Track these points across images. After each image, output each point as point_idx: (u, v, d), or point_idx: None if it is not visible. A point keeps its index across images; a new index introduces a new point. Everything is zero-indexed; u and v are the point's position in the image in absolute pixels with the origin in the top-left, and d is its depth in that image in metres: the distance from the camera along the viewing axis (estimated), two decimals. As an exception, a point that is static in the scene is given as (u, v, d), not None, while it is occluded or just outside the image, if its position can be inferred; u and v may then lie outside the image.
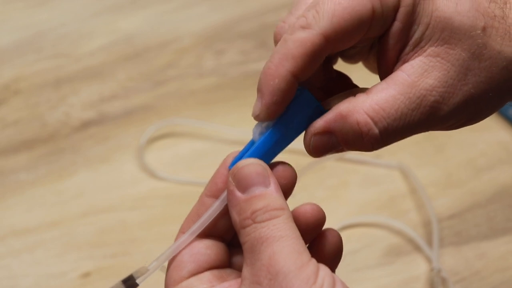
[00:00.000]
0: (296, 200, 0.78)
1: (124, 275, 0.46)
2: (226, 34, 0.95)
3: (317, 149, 0.44)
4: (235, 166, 0.44)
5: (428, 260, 0.71)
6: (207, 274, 0.44)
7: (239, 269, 0.46)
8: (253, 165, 0.43)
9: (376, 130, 0.42)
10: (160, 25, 0.97)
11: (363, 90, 0.44)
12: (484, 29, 0.43)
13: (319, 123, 0.43)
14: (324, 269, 0.40)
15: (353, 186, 0.78)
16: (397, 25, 0.43)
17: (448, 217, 0.75)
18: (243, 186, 0.43)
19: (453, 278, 0.70)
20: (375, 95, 0.42)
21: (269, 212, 0.42)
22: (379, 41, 0.44)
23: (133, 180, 0.79)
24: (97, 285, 0.70)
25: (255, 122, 0.46)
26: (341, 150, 0.44)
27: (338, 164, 0.79)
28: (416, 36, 0.43)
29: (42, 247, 0.73)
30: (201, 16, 0.98)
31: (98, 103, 0.87)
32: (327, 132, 0.43)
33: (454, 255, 0.71)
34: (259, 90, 0.43)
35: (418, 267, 0.71)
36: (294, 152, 0.80)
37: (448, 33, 0.42)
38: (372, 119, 0.42)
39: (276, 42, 0.46)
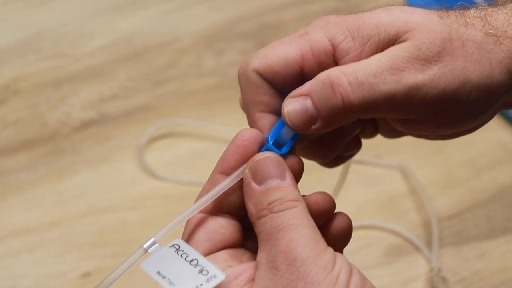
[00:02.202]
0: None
1: (124, 275, 0.46)
2: (226, 34, 0.95)
3: (291, 115, 0.45)
4: (251, 159, 0.45)
5: (428, 260, 0.71)
6: (222, 254, 0.45)
7: (252, 250, 0.46)
8: (270, 158, 0.44)
9: (346, 81, 0.43)
10: (160, 25, 0.97)
11: None
12: (440, 16, 0.44)
13: (294, 90, 0.45)
14: (341, 257, 0.41)
15: (353, 186, 0.78)
16: (344, 59, 0.45)
17: (448, 217, 0.75)
18: (260, 178, 0.44)
19: (453, 278, 0.70)
20: (349, 63, 0.45)
21: (286, 203, 0.43)
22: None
23: (133, 180, 0.79)
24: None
25: None
26: (316, 121, 0.45)
27: (338, 164, 0.79)
28: (373, 48, 0.45)
29: (42, 247, 0.73)
30: (201, 16, 0.98)
31: (98, 103, 0.87)
32: (301, 94, 0.45)
33: (454, 255, 0.71)
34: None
35: (418, 267, 0.71)
36: (294, 152, 0.79)
37: (404, 26, 0.44)
38: (343, 71, 0.43)
39: (238, 80, 0.49)
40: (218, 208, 0.46)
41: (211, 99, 0.87)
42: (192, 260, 0.43)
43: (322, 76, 0.44)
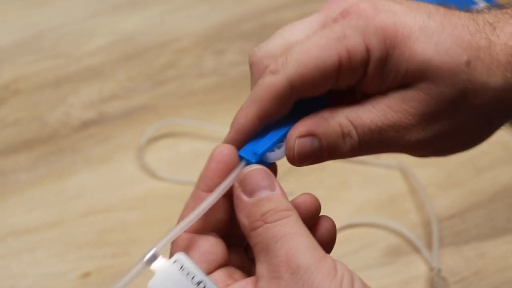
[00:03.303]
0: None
1: (125, 275, 0.45)
2: (226, 34, 0.95)
3: (300, 153, 0.45)
4: (240, 171, 0.44)
5: (428, 260, 0.71)
6: (219, 273, 0.45)
7: (238, 267, 0.46)
8: (258, 170, 0.44)
9: (355, 134, 0.44)
10: (160, 25, 0.97)
11: None
12: (468, 63, 0.43)
13: (302, 126, 0.45)
14: (340, 264, 0.41)
15: (353, 186, 0.78)
16: (370, 77, 0.44)
17: (448, 217, 0.75)
18: (250, 190, 0.43)
19: (453, 278, 0.70)
20: (354, 106, 0.45)
21: (279, 212, 0.42)
22: (359, 89, 0.46)
23: (133, 180, 0.79)
24: (97, 285, 0.70)
25: None
26: (321, 159, 0.45)
27: (338, 164, 0.79)
28: (396, 81, 0.44)
29: (42, 247, 0.73)
30: (201, 16, 0.98)
31: (98, 103, 0.87)
32: (310, 134, 0.44)
33: (454, 255, 0.71)
34: (231, 125, 0.47)
35: (418, 267, 0.71)
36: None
37: (430, 73, 0.43)
38: (352, 122, 0.44)
39: (249, 65, 0.48)
40: (205, 226, 0.46)
41: (211, 99, 0.87)
42: (199, 283, 0.42)
43: (332, 121, 0.44)
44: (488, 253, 0.71)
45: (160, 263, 0.43)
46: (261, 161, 0.46)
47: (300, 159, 0.45)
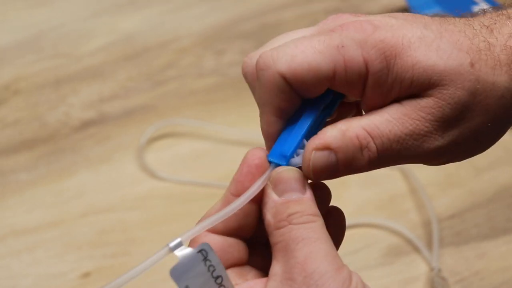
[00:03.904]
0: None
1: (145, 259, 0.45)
2: (226, 34, 0.95)
3: (316, 167, 0.44)
4: (274, 170, 0.44)
5: (428, 260, 0.71)
6: (229, 272, 0.44)
7: (257, 268, 0.46)
8: (292, 171, 0.44)
9: (374, 145, 0.43)
10: (160, 25, 0.97)
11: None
12: (472, 64, 0.43)
13: (319, 139, 0.44)
14: (356, 275, 0.41)
15: (353, 186, 0.78)
16: (371, 90, 0.44)
17: (448, 217, 0.75)
18: (281, 190, 0.44)
19: (453, 278, 0.70)
20: (371, 116, 0.44)
21: (306, 216, 0.42)
22: (362, 102, 0.45)
23: (133, 180, 0.79)
24: (97, 285, 0.70)
25: (254, 122, 0.47)
26: (337, 174, 0.45)
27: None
28: (403, 90, 0.44)
29: (42, 247, 0.73)
30: (201, 16, 0.98)
31: (98, 103, 0.87)
32: (326, 147, 0.44)
33: (454, 255, 0.71)
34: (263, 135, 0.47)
35: (418, 267, 0.71)
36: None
37: (437, 78, 0.43)
38: (369, 134, 0.43)
39: (244, 76, 0.47)
40: (226, 228, 0.45)
41: (211, 99, 0.87)
42: (217, 278, 0.42)
43: (349, 133, 0.43)
44: (488, 253, 0.71)
45: (185, 251, 0.43)
46: (289, 164, 0.45)
47: (316, 173, 0.44)
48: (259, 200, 0.45)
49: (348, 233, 0.73)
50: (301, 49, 0.43)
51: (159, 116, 0.85)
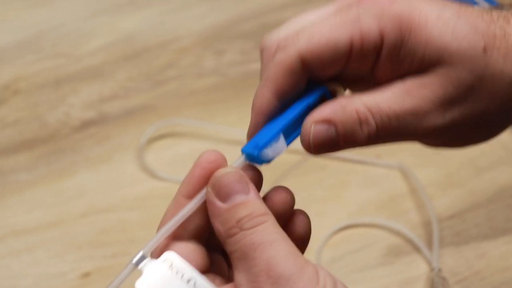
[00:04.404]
0: (297, 199, 0.78)
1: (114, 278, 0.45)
2: (226, 34, 0.95)
3: (316, 140, 0.44)
4: (213, 175, 0.43)
5: (428, 260, 0.71)
6: None
7: (219, 274, 0.45)
8: (231, 174, 0.43)
9: (373, 121, 0.43)
10: (160, 25, 0.97)
11: None
12: (485, 49, 0.43)
13: (319, 112, 0.44)
14: (322, 269, 0.40)
15: (353, 186, 0.78)
16: (384, 63, 0.44)
17: (448, 217, 0.75)
18: (224, 195, 0.42)
19: (453, 278, 0.69)
20: (372, 93, 0.44)
21: (256, 218, 0.41)
22: (373, 76, 0.45)
23: (133, 180, 0.79)
24: (97, 285, 0.70)
25: None
26: (337, 147, 0.44)
27: (338, 164, 0.79)
28: (414, 66, 0.44)
29: (42, 247, 0.73)
30: (201, 16, 0.97)
31: (98, 103, 0.87)
32: (326, 121, 0.44)
33: (454, 255, 0.71)
34: (251, 109, 0.46)
35: (418, 267, 0.70)
36: (295, 152, 0.80)
37: (447, 58, 0.43)
38: (369, 109, 0.43)
39: (260, 52, 0.48)
40: (184, 233, 0.45)
41: (211, 99, 0.87)
42: (188, 281, 0.41)
43: (349, 108, 0.43)
44: (488, 253, 0.71)
45: (149, 263, 0.43)
46: (262, 157, 0.44)
47: (316, 146, 0.44)
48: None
49: (348, 233, 0.73)
50: (319, 27, 0.44)
51: (159, 116, 0.85)
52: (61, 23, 0.97)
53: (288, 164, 0.78)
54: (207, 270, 0.45)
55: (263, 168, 0.83)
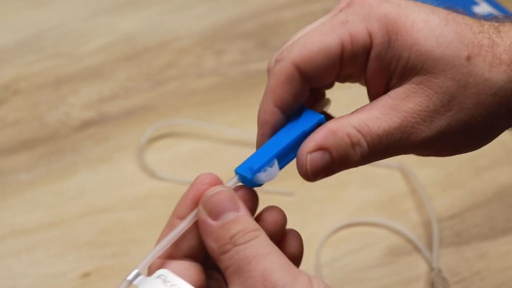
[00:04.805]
0: (297, 199, 0.78)
1: (124, 275, 0.46)
2: (226, 34, 0.95)
3: (313, 168, 0.45)
4: (204, 195, 0.44)
5: (428, 260, 0.71)
6: None
7: None
8: (222, 192, 0.44)
9: (364, 142, 0.45)
10: (160, 25, 0.97)
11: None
12: (468, 58, 0.44)
13: (312, 141, 0.45)
14: (315, 278, 0.41)
15: (353, 186, 0.78)
16: (372, 64, 0.45)
17: (448, 217, 0.75)
18: (215, 213, 0.43)
19: (453, 278, 0.69)
20: (360, 113, 0.45)
21: (248, 234, 0.42)
22: (364, 77, 0.46)
23: (133, 180, 0.79)
24: (97, 285, 0.70)
25: (254, 122, 0.47)
26: (333, 171, 0.46)
27: (338, 164, 0.79)
28: (398, 70, 0.44)
29: (42, 247, 0.73)
30: (201, 16, 0.97)
31: (98, 103, 0.87)
32: (320, 148, 0.45)
33: (454, 255, 0.71)
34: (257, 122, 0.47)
35: (418, 268, 0.70)
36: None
37: (430, 64, 0.44)
38: (359, 131, 0.44)
39: (267, 72, 0.49)
40: (178, 252, 0.46)
41: (211, 99, 0.87)
42: None
43: (340, 132, 0.45)
44: (488, 253, 0.71)
45: (144, 280, 0.43)
46: (255, 180, 0.45)
47: (313, 174, 0.46)
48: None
49: (348, 233, 0.73)
50: (311, 35, 0.45)
51: (159, 116, 0.85)
52: (61, 23, 0.97)
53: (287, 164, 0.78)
54: (203, 286, 0.45)
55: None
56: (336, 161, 0.45)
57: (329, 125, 0.45)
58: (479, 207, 0.75)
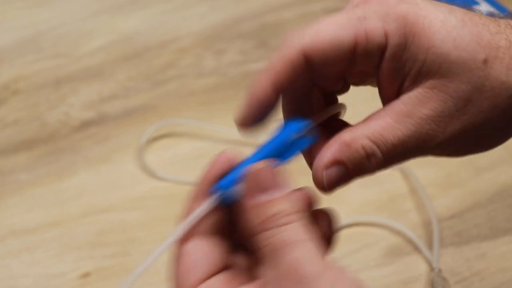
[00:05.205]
0: (296, 200, 0.78)
1: (124, 275, 0.45)
2: (226, 34, 0.95)
3: (330, 183, 0.45)
4: (250, 169, 0.43)
5: (428, 260, 0.71)
6: (214, 280, 0.44)
7: (243, 271, 0.45)
8: (268, 168, 0.43)
9: (379, 153, 0.44)
10: (160, 25, 0.97)
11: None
12: (485, 61, 0.43)
13: (327, 156, 0.44)
14: (344, 274, 0.41)
15: (353, 186, 0.77)
16: (387, 65, 0.44)
17: (448, 217, 0.75)
18: (263, 188, 0.43)
19: (453, 278, 0.69)
20: (373, 122, 0.44)
21: (289, 216, 0.42)
22: (377, 78, 0.45)
23: (133, 180, 0.79)
24: (97, 285, 0.70)
25: None
26: (349, 181, 0.45)
27: (338, 164, 0.79)
28: (413, 72, 0.44)
29: (41, 247, 0.73)
30: (200, 16, 0.97)
31: (98, 103, 0.87)
32: (336, 162, 0.44)
33: (454, 256, 0.71)
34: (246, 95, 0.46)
35: (419, 268, 0.70)
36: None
37: (446, 67, 0.43)
38: (374, 142, 0.44)
39: None
40: (201, 229, 0.45)
41: (211, 99, 0.87)
42: None
43: (355, 145, 0.44)
44: (488, 253, 0.71)
45: None
46: (226, 198, 0.45)
47: (330, 187, 0.45)
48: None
49: (348, 233, 0.73)
50: (325, 24, 0.44)
51: (159, 116, 0.85)
52: (61, 23, 0.97)
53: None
54: (226, 267, 0.45)
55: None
56: (351, 173, 0.45)
57: (343, 137, 0.44)
58: (479, 207, 0.75)
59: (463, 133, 0.44)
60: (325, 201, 0.76)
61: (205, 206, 0.45)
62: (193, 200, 0.46)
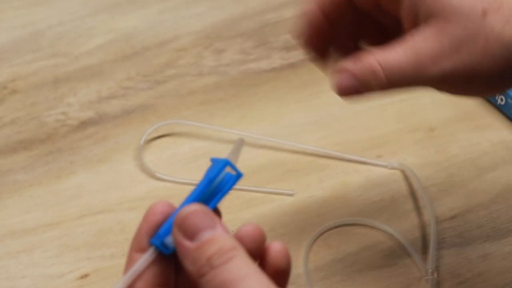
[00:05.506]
0: (297, 199, 0.78)
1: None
2: (226, 33, 0.95)
3: (341, 88, 0.53)
4: (178, 215, 0.43)
5: (429, 261, 0.70)
6: None
7: None
8: (196, 211, 0.43)
9: (382, 72, 0.51)
10: (159, 24, 0.96)
11: None
12: (484, 12, 0.48)
13: (341, 64, 0.53)
14: None
15: (353, 186, 0.77)
16: (406, 4, 0.52)
17: (450, 218, 0.74)
18: (191, 234, 0.42)
19: (455, 279, 0.69)
20: (385, 49, 0.52)
21: (225, 254, 0.41)
22: (400, 15, 0.53)
23: (132, 181, 0.78)
24: (96, 286, 0.69)
25: (255, 122, 0.47)
26: (359, 92, 0.52)
27: (338, 164, 0.79)
28: (422, 12, 0.51)
29: (40, 248, 0.72)
30: (200, 15, 0.97)
31: (97, 102, 0.86)
32: (346, 71, 0.52)
33: (456, 257, 0.71)
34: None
35: (419, 268, 0.70)
36: (295, 152, 0.79)
37: (448, 11, 0.49)
38: (380, 64, 0.51)
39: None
40: (147, 284, 0.45)
41: (211, 99, 0.87)
42: None
43: (363, 61, 0.52)
44: (491, 255, 0.71)
45: None
46: (165, 248, 0.45)
47: (341, 92, 0.52)
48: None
49: (348, 234, 0.73)
50: None
51: (158, 116, 0.84)
52: (59, 22, 0.96)
53: (288, 165, 0.78)
54: None
55: (263, 169, 0.83)
56: (359, 84, 0.52)
57: (359, 54, 0.52)
58: (481, 208, 0.75)
59: (454, 72, 0.50)
60: (325, 201, 0.76)
61: (144, 259, 0.45)
62: (134, 252, 0.46)
